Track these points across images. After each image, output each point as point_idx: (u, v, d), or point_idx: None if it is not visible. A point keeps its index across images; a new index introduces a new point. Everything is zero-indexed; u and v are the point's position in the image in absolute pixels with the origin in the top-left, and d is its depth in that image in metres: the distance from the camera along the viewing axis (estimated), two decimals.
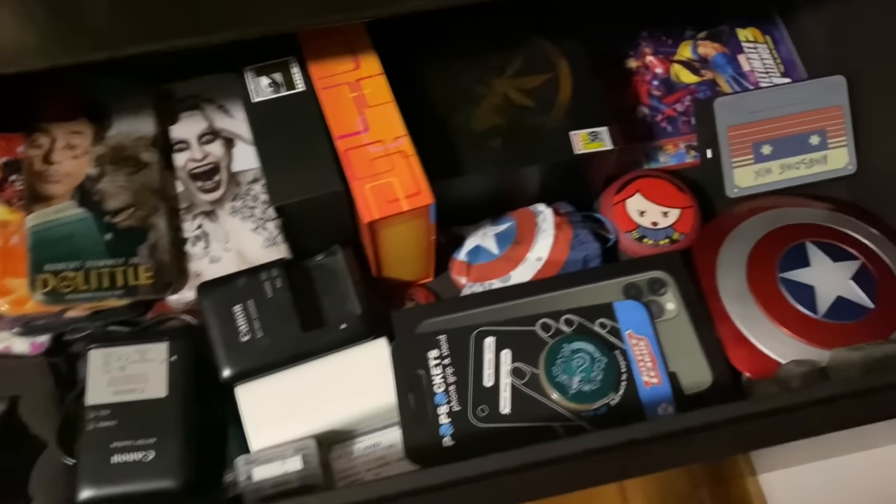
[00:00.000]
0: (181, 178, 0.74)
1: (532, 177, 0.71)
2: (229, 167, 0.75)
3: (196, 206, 0.73)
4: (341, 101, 0.64)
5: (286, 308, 0.66)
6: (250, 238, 0.72)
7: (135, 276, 0.68)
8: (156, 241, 0.70)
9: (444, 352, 0.65)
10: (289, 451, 0.61)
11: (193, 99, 0.78)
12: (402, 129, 0.63)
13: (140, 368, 0.65)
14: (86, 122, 0.74)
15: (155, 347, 0.65)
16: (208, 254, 0.71)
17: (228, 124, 0.77)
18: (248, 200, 0.74)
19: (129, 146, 0.74)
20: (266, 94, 0.65)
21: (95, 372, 0.64)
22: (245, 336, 0.65)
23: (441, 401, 0.63)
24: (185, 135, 0.76)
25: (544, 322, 0.66)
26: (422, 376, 0.64)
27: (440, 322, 0.67)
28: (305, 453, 0.61)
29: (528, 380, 0.64)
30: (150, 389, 0.64)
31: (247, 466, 0.61)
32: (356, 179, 0.61)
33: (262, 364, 0.65)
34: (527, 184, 0.72)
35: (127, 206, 0.71)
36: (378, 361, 0.66)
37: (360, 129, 0.63)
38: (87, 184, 0.71)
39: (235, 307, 0.66)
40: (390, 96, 0.64)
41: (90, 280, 0.66)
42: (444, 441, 0.62)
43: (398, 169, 0.62)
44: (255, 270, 0.68)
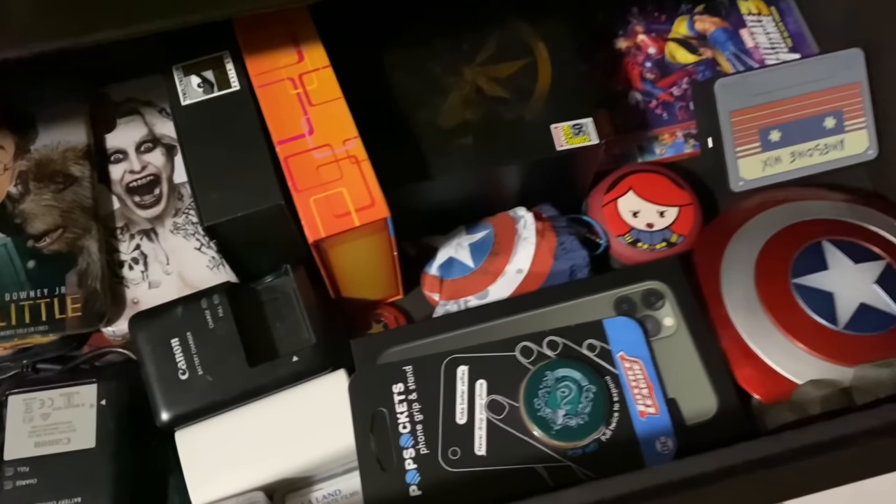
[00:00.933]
0: (117, 193, 0.66)
1: (510, 178, 0.62)
2: (171, 178, 0.67)
3: (133, 224, 0.65)
4: (282, 99, 0.55)
5: (230, 340, 0.58)
6: (193, 258, 0.64)
7: (61, 308, 0.59)
8: (86, 267, 0.61)
9: (410, 385, 0.56)
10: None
11: (131, 103, 0.70)
12: (353, 129, 0.55)
13: (66, 415, 0.56)
14: (7, 134, 0.65)
15: (83, 390, 0.57)
16: (147, 278, 0.63)
17: (170, 129, 0.69)
18: (191, 216, 0.66)
19: (57, 159, 0.65)
20: (196, 96, 0.57)
21: (15, 421, 0.56)
22: (184, 374, 0.57)
23: (406, 443, 0.55)
24: (122, 143, 0.68)
25: (525, 346, 0.57)
26: (385, 414, 0.56)
27: (406, 350, 0.58)
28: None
29: (506, 415, 0.55)
30: (77, 439, 0.56)
31: None
32: (299, 191, 0.53)
33: (203, 405, 0.57)
34: (504, 186, 0.63)
35: (54, 227, 0.62)
36: (336, 397, 0.58)
37: (304, 132, 0.54)
38: (7, 204, 0.63)
39: (173, 341, 0.58)
40: (338, 92, 0.56)
41: (9, 315, 0.58)
42: (410, 490, 0.54)
43: (348, 177, 0.53)
44: (194, 297, 0.59)
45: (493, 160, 0.60)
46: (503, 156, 0.60)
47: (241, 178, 0.54)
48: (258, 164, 0.54)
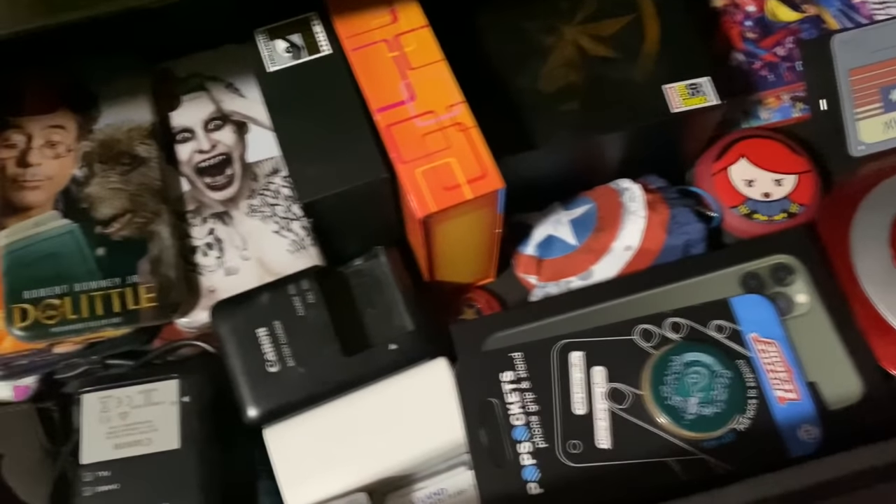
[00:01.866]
0: (186, 174, 0.61)
1: (617, 145, 0.56)
2: (243, 158, 0.61)
3: (206, 207, 0.60)
4: (378, 63, 0.50)
5: (322, 328, 0.53)
6: (273, 242, 0.59)
7: (134, 298, 0.54)
8: (158, 254, 0.56)
9: (520, 373, 0.51)
10: None
11: (196, 78, 0.65)
12: (458, 94, 0.49)
13: (146, 414, 0.52)
14: (69, 114, 0.60)
15: (163, 386, 0.52)
16: (223, 264, 0.58)
17: (240, 106, 0.64)
18: (267, 197, 0.60)
19: (123, 139, 0.60)
20: (284, 62, 0.51)
21: (91, 422, 0.51)
22: (273, 366, 0.52)
23: (521, 436, 0.49)
24: (188, 122, 0.63)
25: (644, 329, 0.52)
26: (495, 405, 0.50)
27: (512, 335, 0.53)
28: None
29: (629, 404, 0.50)
30: (160, 440, 0.51)
31: None
32: (404, 163, 0.47)
33: (295, 400, 0.52)
34: (608, 155, 0.58)
35: (122, 212, 0.57)
36: (438, 388, 0.53)
37: (405, 99, 0.49)
38: (72, 188, 0.58)
39: (259, 331, 0.53)
40: (439, 53, 0.50)
41: (80, 307, 0.53)
42: (528, 487, 0.48)
43: (456, 146, 0.48)
44: (281, 283, 0.54)
45: (603, 126, 0.55)
46: (614, 120, 0.55)
47: (340, 150, 0.49)
48: (358, 135, 0.49)
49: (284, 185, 0.61)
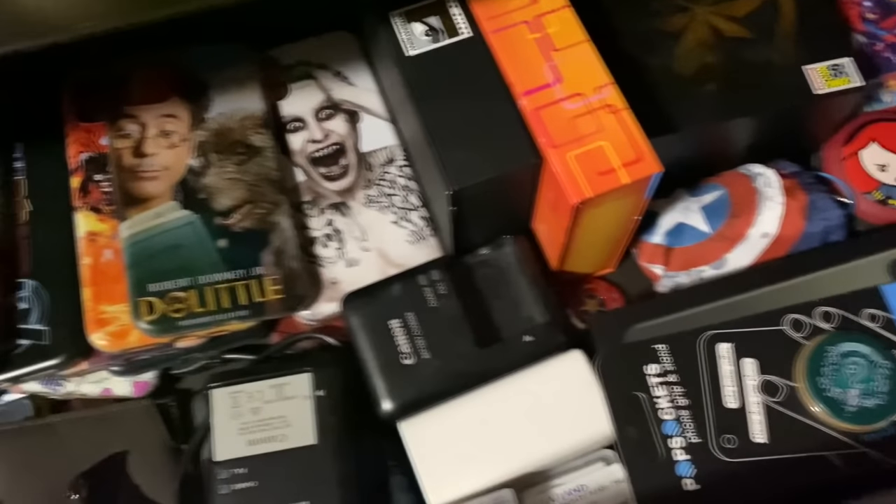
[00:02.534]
0: (300, 164, 0.59)
1: (752, 129, 0.54)
2: (357, 147, 0.60)
3: (322, 197, 0.58)
4: (520, 45, 0.48)
5: (456, 319, 0.51)
6: (392, 233, 0.57)
7: (260, 290, 0.53)
8: (281, 245, 0.55)
9: (666, 365, 0.49)
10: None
11: (303, 66, 0.63)
12: (605, 75, 0.47)
13: (279, 409, 0.50)
14: (181, 103, 0.59)
15: (295, 380, 0.51)
16: (343, 256, 0.56)
17: (349, 94, 0.62)
18: (383, 187, 0.59)
19: (236, 128, 0.59)
20: (423, 46, 0.50)
21: (222, 417, 0.50)
22: (408, 358, 0.50)
23: (672, 431, 0.47)
24: (298, 111, 0.61)
25: (794, 319, 0.50)
26: (642, 399, 0.48)
27: (654, 326, 0.51)
28: None
29: (784, 397, 0.48)
30: (295, 436, 0.50)
31: None
32: (554, 147, 0.45)
33: (431, 393, 0.51)
34: (740, 139, 0.56)
35: (241, 202, 0.56)
36: (576, 381, 0.51)
37: (551, 81, 0.47)
38: (189, 179, 0.56)
39: (392, 322, 0.51)
40: (583, 34, 0.49)
41: (206, 300, 0.52)
42: (683, 483, 0.46)
43: (608, 129, 0.46)
44: (410, 274, 0.53)
45: (744, 108, 0.53)
46: (755, 103, 0.53)
47: (488, 135, 0.47)
48: (504, 119, 0.47)
49: (400, 174, 0.59)
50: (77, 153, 0.57)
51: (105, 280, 0.53)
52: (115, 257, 0.54)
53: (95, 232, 0.55)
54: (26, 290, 0.54)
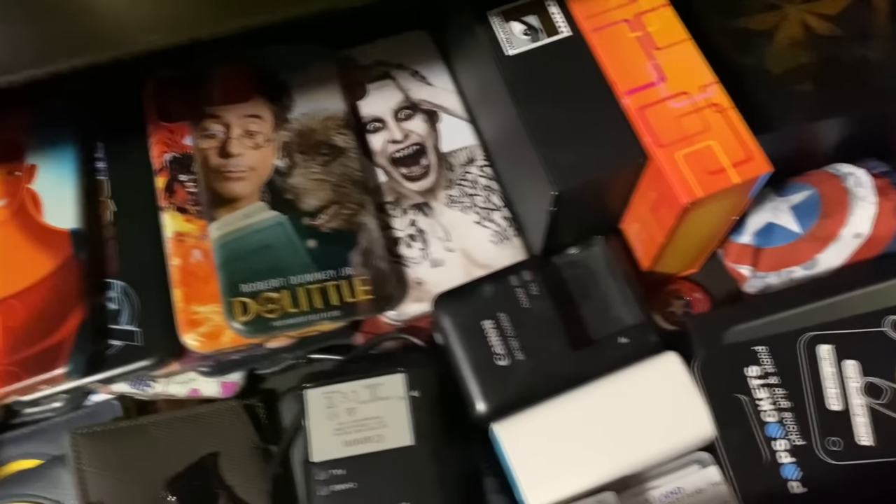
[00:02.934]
0: (381, 164, 0.59)
1: (847, 129, 0.54)
2: (437, 147, 0.60)
3: (404, 197, 0.58)
4: (623, 44, 0.48)
5: (549, 320, 0.51)
6: (475, 234, 0.57)
7: (350, 291, 0.53)
8: (368, 246, 0.54)
9: (767, 367, 0.48)
10: None
11: (381, 66, 0.63)
12: (709, 74, 0.47)
13: (374, 409, 0.50)
14: (263, 103, 0.59)
15: (389, 381, 0.51)
16: (428, 256, 0.56)
17: (428, 94, 0.62)
18: (465, 187, 0.58)
19: (319, 129, 0.59)
20: (522, 45, 0.49)
21: (317, 418, 0.50)
22: (502, 359, 0.50)
23: (776, 433, 0.47)
24: (378, 111, 0.61)
25: (895, 320, 0.49)
26: (743, 402, 0.48)
27: (752, 328, 0.50)
28: None
29: (888, 399, 0.48)
30: (392, 436, 0.49)
31: None
32: (662, 146, 0.45)
33: (525, 395, 0.51)
34: (832, 139, 0.55)
35: (328, 203, 0.56)
36: (673, 383, 0.50)
37: (655, 80, 0.47)
38: (276, 179, 0.56)
39: (485, 323, 0.51)
40: (684, 32, 0.48)
41: (299, 301, 0.52)
42: (790, 486, 0.46)
43: (716, 128, 0.46)
44: (502, 274, 0.53)
45: (837, 108, 0.52)
46: (849, 103, 0.52)
47: (591, 135, 0.47)
48: (608, 118, 0.47)
49: (482, 174, 0.59)
50: (161, 153, 0.57)
51: (195, 281, 0.53)
52: (204, 258, 0.54)
53: (183, 232, 0.55)
54: (115, 291, 0.54)
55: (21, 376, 0.50)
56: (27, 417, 0.54)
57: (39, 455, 0.52)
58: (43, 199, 0.56)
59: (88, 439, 0.49)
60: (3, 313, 0.52)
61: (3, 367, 0.50)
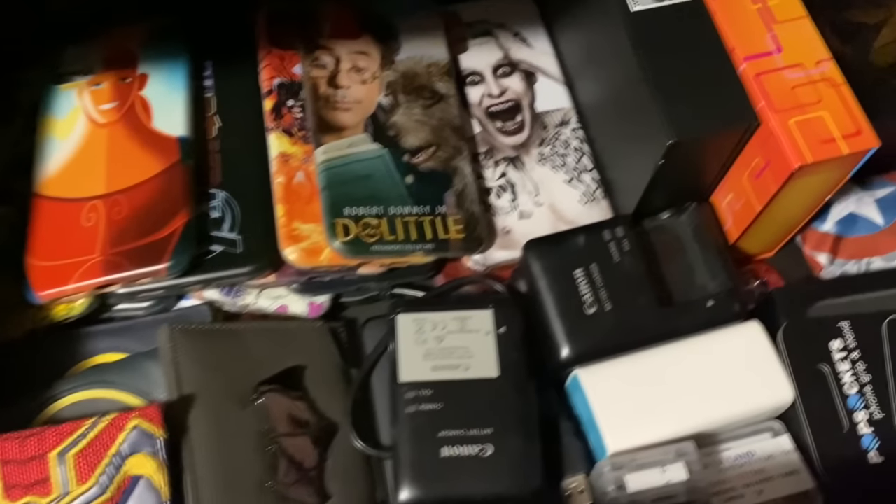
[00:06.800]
0: (477, 116, 0.61)
1: None
2: (532, 106, 0.61)
3: (497, 150, 0.59)
4: (743, 14, 0.50)
5: (638, 277, 0.52)
6: (564, 191, 0.58)
7: (444, 228, 0.54)
8: (462, 189, 0.56)
9: (849, 342, 0.50)
10: (669, 455, 0.47)
11: (483, 24, 0.65)
12: (825, 50, 0.49)
13: (461, 340, 0.51)
14: (372, 42, 0.60)
15: (477, 315, 0.52)
16: (516, 207, 0.58)
17: (527, 55, 0.63)
18: (557, 147, 0.60)
19: (422, 74, 0.60)
20: (647, 3, 0.51)
21: (407, 342, 0.51)
22: (590, 308, 0.51)
23: (856, 405, 0.48)
24: (477, 65, 0.63)
25: None
26: (826, 373, 0.49)
27: (837, 304, 0.52)
28: (689, 459, 0.47)
29: None
30: (478, 367, 0.50)
31: (616, 472, 0.47)
32: (776, 111, 0.47)
33: (611, 344, 0.52)
34: None
35: (427, 144, 0.57)
36: (756, 351, 0.51)
37: (772, 50, 0.48)
38: (379, 115, 0.57)
39: (577, 272, 0.52)
40: (803, 10, 0.50)
41: (396, 229, 0.53)
42: (868, 456, 0.47)
43: (827, 101, 0.47)
44: (595, 228, 0.54)
45: None
46: None
47: (709, 93, 0.48)
48: (726, 79, 0.49)
49: (575, 136, 0.60)
50: (270, 77, 0.59)
51: (298, 199, 0.55)
52: (307, 180, 0.55)
53: (288, 153, 0.56)
54: (218, 200, 0.55)
55: (124, 266, 0.51)
56: (117, 314, 0.54)
57: (126, 349, 0.52)
58: (153, 105, 0.57)
59: (185, 334, 0.50)
60: (109, 207, 0.53)
61: (106, 256, 0.51)
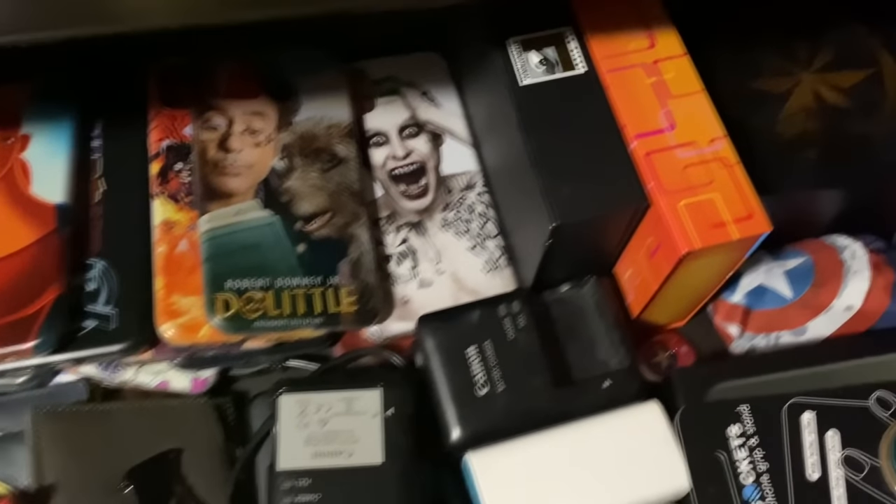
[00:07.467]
0: (380, 179, 0.59)
1: (842, 201, 0.54)
2: (437, 169, 0.59)
3: (399, 214, 0.57)
4: (637, 87, 0.48)
5: (533, 355, 0.50)
6: (467, 259, 0.56)
7: (336, 300, 0.51)
8: (358, 258, 0.53)
9: (748, 428, 0.48)
10: None
11: (391, 82, 0.62)
12: (719, 127, 0.47)
13: (346, 423, 0.48)
14: (269, 102, 0.58)
15: (364, 396, 0.49)
16: (417, 275, 0.55)
17: (435, 115, 0.61)
18: (461, 212, 0.58)
19: (321, 135, 0.58)
20: (537, 76, 0.49)
21: (289, 425, 0.48)
22: (482, 388, 0.49)
23: (752, 495, 0.46)
24: (383, 125, 0.61)
25: (880, 396, 0.49)
26: (722, 460, 0.47)
27: (738, 387, 0.50)
28: None
29: (867, 474, 0.47)
30: (361, 453, 0.48)
31: None
32: (666, 193, 0.45)
33: (503, 426, 0.50)
34: (830, 209, 0.55)
35: (322, 210, 0.55)
36: (653, 433, 0.49)
37: (665, 127, 0.47)
38: (272, 180, 0.55)
39: (469, 350, 0.50)
40: (699, 84, 0.48)
41: (282, 303, 0.50)
42: None
43: (720, 182, 0.45)
44: (491, 302, 0.52)
45: (839, 179, 0.52)
46: (854, 175, 0.52)
47: (596, 173, 0.46)
48: (615, 159, 0.47)
49: (480, 201, 0.58)
50: (159, 139, 0.56)
51: (179, 270, 0.52)
52: (191, 249, 0.53)
53: (172, 221, 0.53)
54: (96, 270, 0.52)
55: None
56: None
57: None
58: (33, 169, 0.54)
59: (50, 419, 0.47)
60: None
61: None
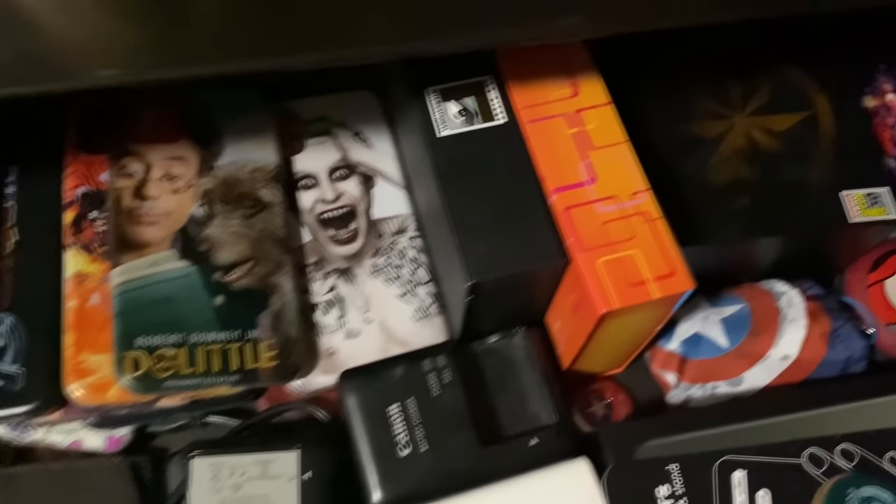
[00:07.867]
0: (308, 223, 0.57)
1: (781, 248, 0.53)
2: (368, 213, 0.57)
3: (327, 261, 0.55)
4: (558, 139, 0.46)
5: (458, 412, 0.49)
6: (396, 307, 0.54)
7: (254, 356, 0.50)
8: (280, 309, 0.51)
9: (677, 488, 0.46)
10: None
11: (323, 122, 0.60)
12: (642, 180, 0.45)
13: (261, 488, 0.46)
14: (190, 146, 0.56)
15: (282, 458, 0.47)
16: (344, 325, 0.53)
17: (367, 157, 0.59)
18: (392, 257, 0.56)
19: (245, 180, 0.56)
20: (455, 127, 0.47)
21: (200, 490, 0.46)
22: (404, 449, 0.47)
23: None
24: (312, 168, 0.59)
25: (813, 453, 0.47)
26: None
27: (668, 444, 0.48)
28: None
29: None
30: None
31: None
32: (584, 250, 0.43)
33: (426, 489, 0.48)
34: (767, 256, 0.54)
35: (243, 259, 0.53)
36: (580, 493, 0.47)
37: (585, 180, 0.45)
38: (191, 228, 0.53)
39: (391, 408, 0.48)
40: (622, 135, 0.47)
41: (196, 361, 0.48)
42: None
43: (641, 237, 0.44)
44: (415, 357, 0.50)
45: (776, 228, 0.51)
46: (788, 224, 0.51)
47: (513, 229, 0.45)
48: (533, 214, 0.45)
49: (411, 246, 0.56)
50: (74, 186, 0.54)
51: (90, 326, 0.50)
52: (103, 303, 0.50)
53: (84, 273, 0.51)
54: (3, 325, 0.50)
55: None
56: None
57: None
58: None
59: None
60: None
61: None
